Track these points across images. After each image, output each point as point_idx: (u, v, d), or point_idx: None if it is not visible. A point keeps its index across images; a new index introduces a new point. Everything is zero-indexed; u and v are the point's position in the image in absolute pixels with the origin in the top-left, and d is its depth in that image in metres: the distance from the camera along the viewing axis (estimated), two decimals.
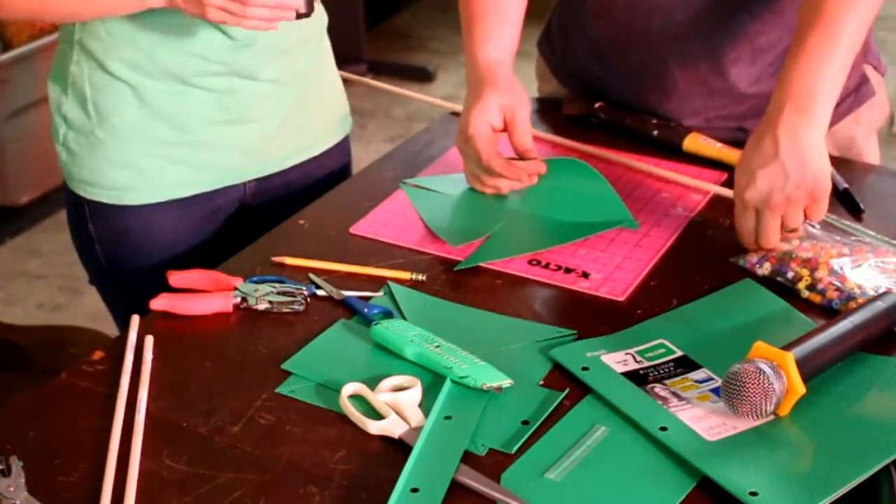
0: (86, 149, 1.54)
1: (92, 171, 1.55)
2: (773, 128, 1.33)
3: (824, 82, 1.34)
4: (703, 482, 1.04)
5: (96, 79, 1.51)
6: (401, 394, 1.15)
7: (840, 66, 1.36)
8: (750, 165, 1.34)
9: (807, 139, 1.33)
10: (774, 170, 1.32)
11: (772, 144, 1.33)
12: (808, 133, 1.33)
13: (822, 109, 1.35)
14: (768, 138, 1.33)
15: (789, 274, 1.32)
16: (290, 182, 1.67)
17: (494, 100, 1.47)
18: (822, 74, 1.34)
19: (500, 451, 1.09)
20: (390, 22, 5.13)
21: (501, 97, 1.47)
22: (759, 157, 1.34)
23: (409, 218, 1.50)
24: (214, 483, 1.06)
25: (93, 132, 1.53)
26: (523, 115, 1.48)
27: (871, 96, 1.65)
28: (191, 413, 1.14)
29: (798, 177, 1.32)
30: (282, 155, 1.63)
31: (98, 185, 1.56)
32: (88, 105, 1.52)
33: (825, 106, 1.35)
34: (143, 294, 1.30)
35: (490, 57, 1.52)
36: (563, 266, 1.38)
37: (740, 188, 1.35)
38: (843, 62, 1.37)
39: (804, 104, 1.33)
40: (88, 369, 1.22)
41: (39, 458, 1.08)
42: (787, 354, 1.10)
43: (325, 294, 1.33)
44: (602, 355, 1.21)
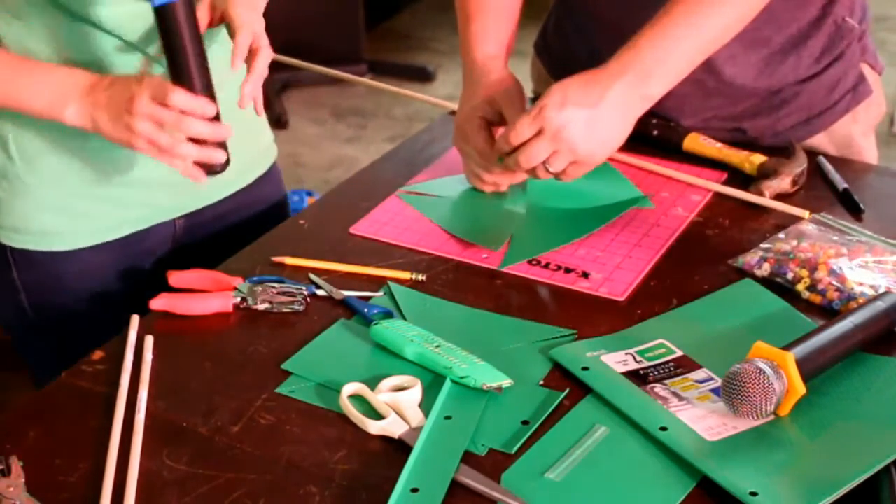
0: (10, 194, 1.43)
1: (19, 218, 1.44)
2: (611, 80, 1.34)
3: (670, 67, 1.37)
4: (703, 482, 1.04)
5: (18, 120, 1.39)
6: (401, 394, 1.15)
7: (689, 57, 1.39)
8: (569, 94, 1.34)
9: (629, 115, 1.36)
10: (586, 115, 1.33)
11: (600, 93, 1.34)
12: (634, 109, 1.36)
13: (657, 91, 1.38)
14: (601, 86, 1.34)
15: (788, 275, 1.32)
16: (222, 215, 1.58)
17: (490, 94, 1.47)
18: (673, 59, 1.37)
19: (500, 451, 1.09)
20: (390, 22, 5.13)
21: (497, 91, 1.47)
22: (582, 93, 1.34)
23: (409, 218, 1.50)
24: (214, 483, 1.06)
25: (18, 176, 1.42)
26: (518, 111, 1.46)
27: (869, 95, 1.66)
28: (191, 413, 1.14)
29: (597, 137, 1.34)
30: (210, 187, 1.50)
31: (26, 232, 1.45)
32: (10, 148, 1.41)
33: (660, 89, 1.38)
34: (72, 341, 1.24)
35: (485, 53, 1.52)
36: (563, 266, 1.38)
37: (551, 103, 1.34)
38: (694, 55, 1.39)
39: (647, 79, 1.35)
40: (88, 369, 1.22)
41: (39, 458, 1.08)
42: (787, 354, 1.10)
43: (325, 294, 1.33)
44: (602, 355, 1.21)
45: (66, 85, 1.28)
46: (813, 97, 1.63)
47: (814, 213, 1.46)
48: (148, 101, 1.22)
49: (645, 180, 1.57)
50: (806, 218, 1.45)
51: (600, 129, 1.35)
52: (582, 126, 1.33)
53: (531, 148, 1.36)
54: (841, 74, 1.63)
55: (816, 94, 1.63)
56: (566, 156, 1.35)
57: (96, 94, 1.26)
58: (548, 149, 1.35)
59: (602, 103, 1.34)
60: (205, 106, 1.23)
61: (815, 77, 1.61)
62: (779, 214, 1.48)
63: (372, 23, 4.72)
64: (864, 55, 1.66)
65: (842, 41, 1.61)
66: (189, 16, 1.20)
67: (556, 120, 1.33)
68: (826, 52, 1.61)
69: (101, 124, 1.26)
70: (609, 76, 1.35)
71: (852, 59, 1.64)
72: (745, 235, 1.44)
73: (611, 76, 1.35)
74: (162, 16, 1.19)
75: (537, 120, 1.35)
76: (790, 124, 1.63)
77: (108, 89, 1.26)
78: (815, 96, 1.63)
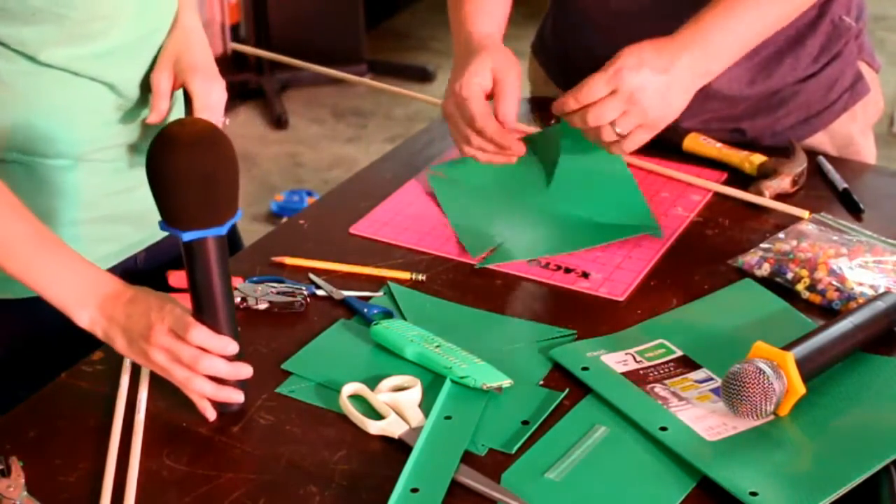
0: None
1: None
2: (679, 51, 1.37)
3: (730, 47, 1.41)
4: (703, 482, 1.04)
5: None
6: (401, 394, 1.15)
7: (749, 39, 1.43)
8: (644, 57, 1.36)
9: (691, 88, 1.39)
10: (659, 81, 1.35)
11: (670, 60, 1.36)
12: (695, 83, 1.39)
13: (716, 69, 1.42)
14: (671, 54, 1.37)
15: (788, 275, 1.32)
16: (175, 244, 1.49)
17: (487, 61, 1.45)
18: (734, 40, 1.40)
19: (500, 451, 1.09)
20: (390, 22, 5.13)
21: (495, 58, 1.46)
22: (656, 57, 1.36)
23: (409, 218, 1.50)
24: (214, 483, 1.06)
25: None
26: (513, 80, 1.45)
27: (867, 93, 1.66)
28: (191, 413, 1.14)
29: (666, 103, 1.37)
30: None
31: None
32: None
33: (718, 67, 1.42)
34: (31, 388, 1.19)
35: (482, 30, 1.52)
36: (563, 266, 1.38)
37: (627, 65, 1.35)
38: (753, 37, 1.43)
39: (709, 56, 1.39)
40: (88, 369, 1.22)
41: (39, 458, 1.08)
42: (787, 354, 1.10)
43: (325, 294, 1.33)
44: (602, 355, 1.21)
45: (86, 286, 1.19)
46: (811, 96, 1.63)
47: (814, 213, 1.46)
48: (166, 333, 1.13)
49: (645, 180, 1.57)
50: (806, 218, 1.45)
51: (669, 96, 1.37)
52: (655, 90, 1.35)
53: (603, 106, 1.36)
54: (839, 73, 1.63)
55: (815, 94, 1.63)
56: (636, 118, 1.36)
57: (115, 309, 1.16)
58: (619, 109, 1.36)
59: (672, 70, 1.36)
60: (226, 345, 1.13)
61: (813, 76, 1.62)
62: (779, 214, 1.48)
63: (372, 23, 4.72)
64: (862, 53, 1.66)
65: (839, 40, 1.61)
66: (219, 251, 1.11)
67: (633, 81, 1.35)
68: (824, 52, 1.61)
69: (116, 341, 1.17)
70: (677, 47, 1.38)
71: (850, 58, 1.64)
72: (745, 235, 1.44)
73: (679, 47, 1.37)
74: (191, 250, 1.10)
75: (612, 80, 1.36)
76: (789, 124, 1.64)
77: (128, 307, 1.16)
78: (814, 95, 1.63)
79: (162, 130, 1.07)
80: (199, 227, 1.08)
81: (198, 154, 1.06)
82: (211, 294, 1.11)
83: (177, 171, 1.06)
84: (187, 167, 1.06)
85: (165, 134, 1.06)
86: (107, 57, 1.31)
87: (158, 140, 1.06)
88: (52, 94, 1.30)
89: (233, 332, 1.14)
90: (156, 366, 1.15)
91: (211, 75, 1.37)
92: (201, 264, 1.10)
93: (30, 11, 1.22)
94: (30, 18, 1.23)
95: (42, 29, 1.25)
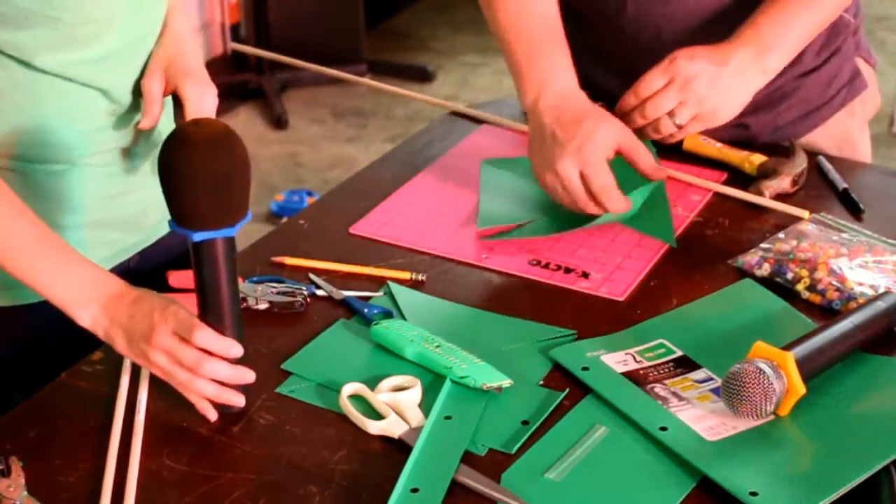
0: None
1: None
2: (734, 49, 1.41)
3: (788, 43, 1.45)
4: (703, 482, 1.04)
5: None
6: (401, 394, 1.15)
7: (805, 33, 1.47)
8: (697, 51, 1.40)
9: (751, 84, 1.43)
10: (713, 71, 1.39)
11: (726, 56, 1.40)
12: (755, 80, 1.43)
13: (775, 66, 1.45)
14: (726, 52, 1.41)
15: (788, 275, 1.32)
16: (169, 246, 1.48)
17: (608, 136, 1.39)
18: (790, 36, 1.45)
19: (500, 451, 1.09)
20: (390, 22, 5.13)
21: (612, 129, 1.39)
22: (710, 53, 1.40)
23: (409, 218, 1.50)
24: (214, 483, 1.06)
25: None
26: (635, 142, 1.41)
27: (864, 88, 1.67)
28: (191, 413, 1.14)
29: (722, 94, 1.40)
30: (155, 221, 1.44)
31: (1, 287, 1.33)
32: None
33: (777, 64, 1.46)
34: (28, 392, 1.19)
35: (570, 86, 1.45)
36: (563, 266, 1.38)
37: (681, 55, 1.40)
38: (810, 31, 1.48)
39: (766, 53, 1.42)
40: (88, 369, 1.22)
41: (39, 458, 1.08)
42: (787, 354, 1.10)
43: (325, 294, 1.33)
44: (602, 355, 1.21)
45: (88, 286, 1.18)
46: (811, 92, 1.63)
47: (814, 213, 1.46)
48: (168, 335, 1.12)
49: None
50: (806, 218, 1.45)
51: (725, 88, 1.40)
52: (709, 79, 1.39)
53: (660, 97, 1.40)
54: (838, 69, 1.64)
55: (814, 89, 1.63)
56: (692, 107, 1.40)
57: (118, 310, 1.15)
58: (675, 99, 1.40)
59: (728, 65, 1.40)
60: (230, 347, 1.12)
61: (813, 71, 1.62)
62: (779, 214, 1.48)
63: (372, 23, 4.73)
64: (859, 49, 1.68)
65: (839, 36, 1.62)
66: (228, 252, 1.10)
67: (687, 69, 1.39)
68: (824, 47, 1.62)
69: (116, 341, 1.16)
70: (733, 47, 1.41)
71: (848, 54, 1.65)
72: (745, 235, 1.44)
73: (735, 47, 1.41)
74: (201, 250, 1.09)
75: (668, 70, 1.40)
76: (790, 119, 1.64)
77: (131, 307, 1.15)
78: (813, 91, 1.63)
79: (175, 130, 1.06)
80: (209, 227, 1.08)
81: (212, 155, 1.06)
82: (218, 295, 1.11)
83: (191, 171, 1.06)
84: (201, 168, 1.05)
85: (180, 134, 1.06)
86: (100, 62, 1.30)
87: (172, 140, 1.06)
88: (47, 101, 1.29)
89: (238, 334, 1.13)
90: (156, 367, 1.14)
91: (203, 80, 1.36)
92: (210, 265, 1.10)
93: (23, 15, 1.22)
94: (23, 22, 1.23)
95: (35, 33, 1.24)
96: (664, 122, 1.41)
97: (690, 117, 1.41)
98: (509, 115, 1.76)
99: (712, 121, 1.43)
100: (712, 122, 1.43)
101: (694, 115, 1.41)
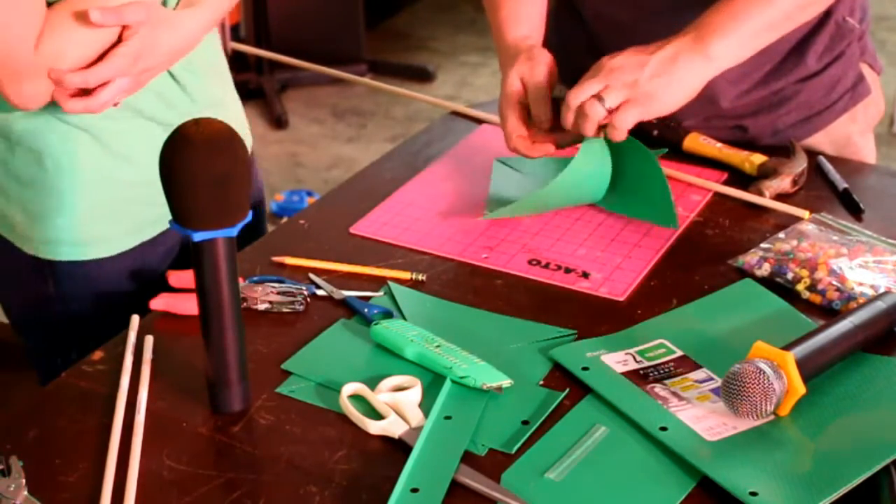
0: (49, 207, 1.41)
1: (57, 229, 1.42)
2: (672, 38, 1.39)
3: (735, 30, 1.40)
4: (703, 482, 1.04)
5: (50, 132, 1.38)
6: (401, 394, 1.15)
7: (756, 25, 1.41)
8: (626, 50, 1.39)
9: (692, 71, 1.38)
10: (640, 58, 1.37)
11: (658, 45, 1.39)
12: (697, 67, 1.38)
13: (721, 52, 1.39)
14: (660, 43, 1.39)
15: (789, 275, 1.32)
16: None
17: (516, 72, 1.48)
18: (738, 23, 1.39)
19: (500, 451, 1.09)
20: (390, 22, 5.13)
21: (521, 68, 1.48)
22: (642, 48, 1.38)
23: (409, 218, 1.50)
24: (214, 483, 1.06)
25: (56, 188, 1.40)
26: (540, 83, 1.47)
27: (868, 94, 1.66)
28: (191, 413, 1.14)
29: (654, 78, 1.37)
30: None
31: (65, 243, 1.43)
32: (45, 161, 1.39)
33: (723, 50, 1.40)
34: (91, 345, 1.25)
35: (516, 35, 1.54)
36: (563, 266, 1.38)
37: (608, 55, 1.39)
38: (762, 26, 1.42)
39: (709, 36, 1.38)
40: (88, 369, 1.22)
41: (39, 458, 1.08)
42: (787, 354, 1.10)
43: (325, 294, 1.33)
44: (602, 355, 1.21)
45: None
46: (812, 96, 1.63)
47: (814, 213, 1.46)
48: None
49: None
50: (806, 218, 1.45)
51: (657, 72, 1.37)
52: (635, 65, 1.37)
53: (582, 84, 1.39)
54: (840, 74, 1.63)
55: (816, 93, 1.63)
56: (620, 91, 1.37)
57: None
58: (599, 84, 1.38)
59: (660, 51, 1.38)
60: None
61: (815, 76, 1.62)
62: (779, 214, 1.48)
63: (372, 23, 4.72)
64: (864, 55, 1.66)
65: (842, 41, 1.62)
66: (228, 252, 1.10)
67: (611, 62, 1.38)
68: (827, 52, 1.61)
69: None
70: (668, 39, 1.40)
71: (852, 59, 1.64)
72: (745, 235, 1.44)
73: (669, 39, 1.39)
74: (201, 250, 1.10)
75: (593, 69, 1.39)
76: (790, 123, 1.64)
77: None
78: (815, 95, 1.63)
79: (176, 130, 1.07)
80: (210, 227, 1.08)
81: (212, 155, 1.06)
82: (218, 295, 1.11)
83: (191, 171, 1.06)
84: (201, 168, 1.06)
85: (180, 134, 1.07)
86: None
87: (172, 139, 1.07)
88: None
89: (239, 333, 1.13)
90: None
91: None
92: (210, 265, 1.10)
93: None
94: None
95: None
96: (591, 106, 1.37)
97: (621, 100, 1.37)
98: None
99: (650, 104, 1.38)
100: (650, 105, 1.38)
101: (626, 99, 1.37)
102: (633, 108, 1.37)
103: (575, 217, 1.48)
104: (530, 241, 1.44)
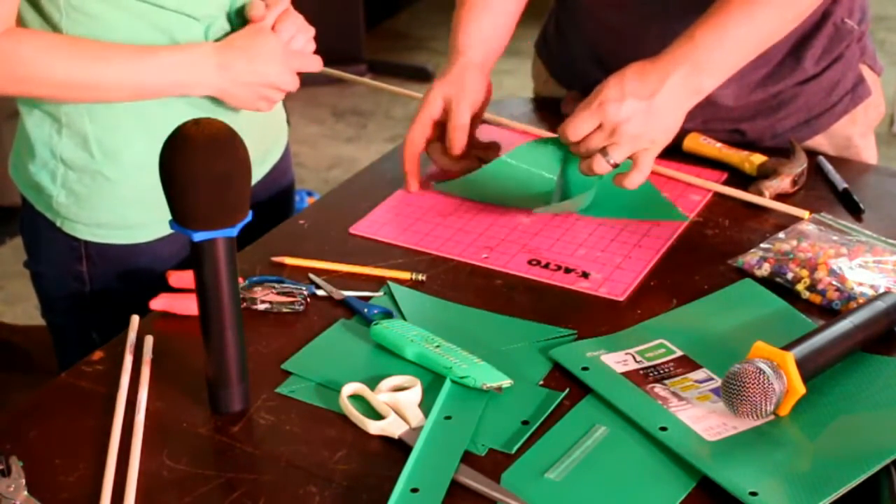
0: (93, 190, 1.45)
1: (101, 212, 1.46)
2: (668, 70, 1.37)
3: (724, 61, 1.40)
4: (703, 482, 1.04)
5: (99, 116, 1.42)
6: (401, 394, 1.15)
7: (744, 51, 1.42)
8: (626, 86, 1.36)
9: (684, 106, 1.39)
10: (644, 107, 1.36)
11: (657, 83, 1.36)
12: (688, 101, 1.39)
13: (709, 85, 1.41)
14: (658, 76, 1.37)
15: (788, 275, 1.32)
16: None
17: (440, 92, 1.53)
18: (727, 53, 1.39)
19: (500, 451, 1.09)
20: (390, 22, 5.13)
21: (448, 90, 1.52)
22: (640, 84, 1.36)
23: (409, 218, 1.50)
24: (214, 483, 1.06)
25: (100, 171, 1.44)
26: (463, 109, 1.50)
27: (868, 96, 1.66)
28: (191, 413, 1.14)
29: (656, 126, 1.37)
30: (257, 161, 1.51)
31: (108, 226, 1.47)
32: (91, 144, 1.43)
33: (712, 82, 1.41)
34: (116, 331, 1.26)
35: (459, 45, 1.56)
36: (563, 266, 1.38)
37: (610, 97, 1.36)
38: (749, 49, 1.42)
39: (701, 73, 1.38)
40: (88, 369, 1.22)
41: (39, 458, 1.08)
42: (787, 354, 1.10)
43: (325, 294, 1.33)
44: (602, 355, 1.21)
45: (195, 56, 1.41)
46: (812, 98, 1.63)
47: (814, 213, 1.46)
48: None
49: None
50: (806, 218, 1.45)
51: (660, 119, 1.37)
52: (642, 119, 1.36)
53: (590, 140, 1.38)
54: (840, 76, 1.63)
55: (816, 96, 1.63)
56: (626, 147, 1.37)
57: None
58: (605, 142, 1.37)
59: (659, 94, 1.36)
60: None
61: (814, 79, 1.62)
62: (779, 214, 1.48)
63: (372, 22, 4.73)
64: (864, 56, 1.66)
65: (841, 43, 1.61)
66: (228, 252, 1.10)
67: (617, 114, 1.36)
68: (825, 54, 1.61)
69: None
70: (666, 66, 1.37)
71: (851, 61, 1.64)
72: (745, 235, 1.44)
73: (667, 66, 1.37)
74: (201, 250, 1.09)
75: (596, 113, 1.37)
76: (789, 126, 1.63)
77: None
78: (815, 98, 1.63)
79: (176, 130, 1.07)
80: (210, 227, 1.08)
81: (212, 155, 1.06)
82: (218, 295, 1.11)
83: (191, 171, 1.06)
84: (202, 168, 1.05)
85: (180, 133, 1.07)
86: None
87: (173, 139, 1.07)
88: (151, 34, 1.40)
89: (238, 333, 1.13)
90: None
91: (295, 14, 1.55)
92: (210, 265, 1.10)
93: None
94: None
95: None
96: (598, 162, 1.38)
97: (626, 155, 1.38)
98: (509, 115, 1.76)
99: (657, 147, 1.40)
100: (654, 151, 1.40)
101: (633, 151, 1.38)
102: (647, 156, 1.39)
103: (575, 217, 1.48)
104: (530, 241, 1.44)
